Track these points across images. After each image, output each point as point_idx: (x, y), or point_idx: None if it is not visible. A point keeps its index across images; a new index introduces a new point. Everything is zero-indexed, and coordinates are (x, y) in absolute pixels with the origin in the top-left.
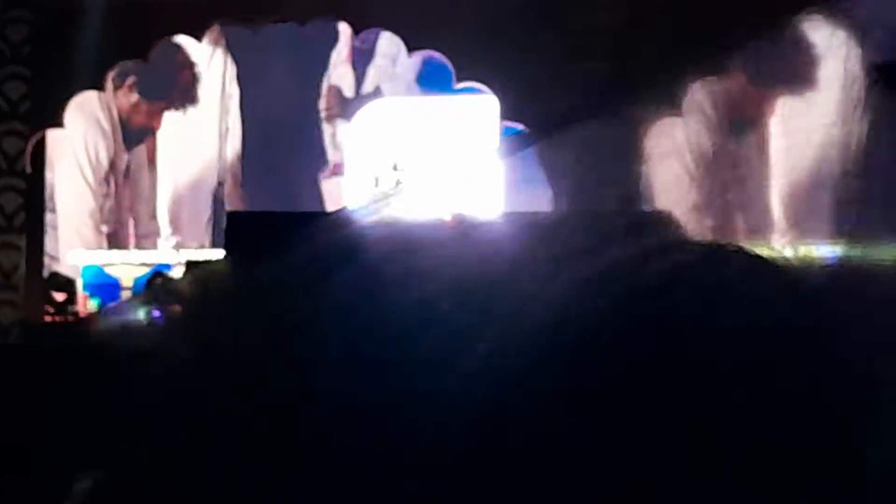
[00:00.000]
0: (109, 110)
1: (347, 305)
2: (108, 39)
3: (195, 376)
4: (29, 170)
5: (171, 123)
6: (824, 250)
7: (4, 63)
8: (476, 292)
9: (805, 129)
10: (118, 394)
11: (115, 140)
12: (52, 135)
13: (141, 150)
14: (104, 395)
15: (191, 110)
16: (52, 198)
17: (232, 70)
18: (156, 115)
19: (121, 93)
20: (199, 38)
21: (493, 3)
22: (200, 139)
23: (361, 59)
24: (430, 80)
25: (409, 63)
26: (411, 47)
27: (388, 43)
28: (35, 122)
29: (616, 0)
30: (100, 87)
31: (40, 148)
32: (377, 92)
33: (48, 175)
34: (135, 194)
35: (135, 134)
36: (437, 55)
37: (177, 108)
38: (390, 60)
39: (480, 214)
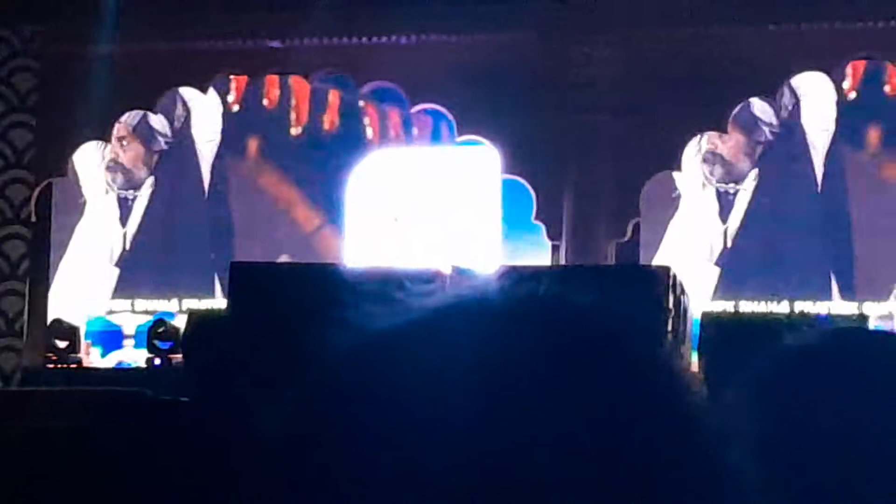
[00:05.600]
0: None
1: (343, 353)
2: (114, 90)
3: (193, 423)
4: (34, 218)
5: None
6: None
7: (10, 111)
8: (465, 344)
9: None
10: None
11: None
12: (57, 183)
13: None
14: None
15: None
16: (57, 245)
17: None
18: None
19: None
20: (203, 89)
21: (494, 58)
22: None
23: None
24: (431, 133)
25: (411, 116)
26: (413, 101)
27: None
28: (40, 171)
29: (615, 55)
30: (105, 137)
31: (45, 196)
32: (378, 142)
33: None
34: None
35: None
36: (438, 108)
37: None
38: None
39: (477, 267)
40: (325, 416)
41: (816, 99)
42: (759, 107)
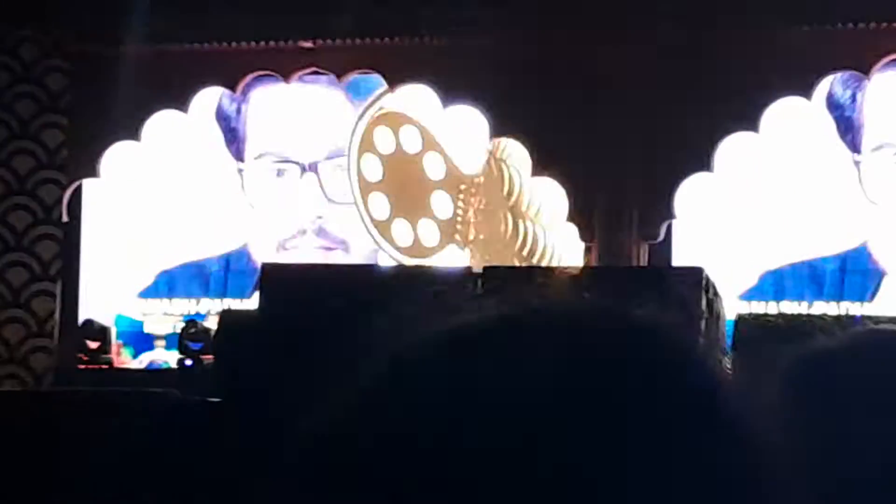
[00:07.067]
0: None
1: (375, 353)
2: (146, 90)
3: (224, 424)
4: (65, 218)
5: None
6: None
7: (42, 111)
8: (498, 339)
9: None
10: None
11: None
12: (88, 184)
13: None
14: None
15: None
16: (88, 246)
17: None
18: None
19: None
20: (234, 89)
21: (526, 58)
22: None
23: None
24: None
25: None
26: (446, 102)
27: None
28: (72, 171)
29: (647, 55)
30: (137, 137)
31: (77, 196)
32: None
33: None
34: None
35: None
36: (472, 109)
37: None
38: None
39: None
40: (355, 418)
41: (853, 99)
42: (798, 106)
